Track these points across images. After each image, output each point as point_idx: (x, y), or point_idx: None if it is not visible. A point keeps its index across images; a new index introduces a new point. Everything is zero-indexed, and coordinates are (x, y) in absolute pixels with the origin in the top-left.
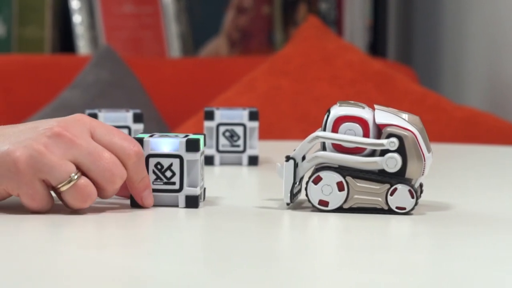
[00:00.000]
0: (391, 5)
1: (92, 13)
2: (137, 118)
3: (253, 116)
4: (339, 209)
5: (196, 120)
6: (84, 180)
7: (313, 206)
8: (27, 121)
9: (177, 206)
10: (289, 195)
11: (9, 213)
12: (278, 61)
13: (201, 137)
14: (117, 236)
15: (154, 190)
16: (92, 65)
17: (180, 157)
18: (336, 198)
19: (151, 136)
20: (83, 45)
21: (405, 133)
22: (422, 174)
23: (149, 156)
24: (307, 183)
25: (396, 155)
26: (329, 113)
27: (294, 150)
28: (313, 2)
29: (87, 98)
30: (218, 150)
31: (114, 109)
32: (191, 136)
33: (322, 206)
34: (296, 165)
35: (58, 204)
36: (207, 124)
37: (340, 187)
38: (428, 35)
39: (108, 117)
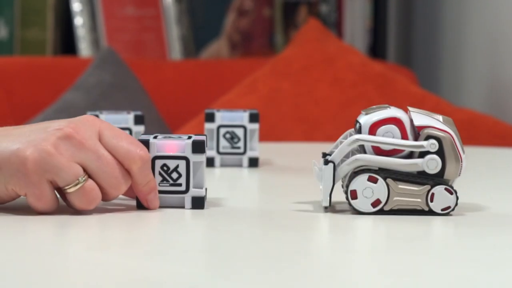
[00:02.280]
0: (391, 7)
1: (94, 16)
2: (138, 120)
3: (253, 118)
4: (380, 211)
5: (197, 122)
6: (90, 183)
7: (371, 213)
8: (29, 123)
9: (183, 207)
10: (328, 198)
11: (15, 213)
12: (279, 63)
13: (204, 138)
14: (122, 237)
15: (161, 192)
16: (94, 67)
17: (186, 158)
18: (380, 191)
19: (155, 137)
20: (84, 47)
21: (443, 135)
22: (459, 175)
23: (155, 158)
24: (349, 203)
25: (436, 156)
26: (359, 123)
27: (331, 152)
28: (313, 5)
29: (89, 100)
30: (218, 152)
31: (116, 111)
32: (195, 137)
33: (377, 206)
34: (335, 168)
35: (63, 205)
36: (207, 126)
37: (373, 180)
38: (428, 37)
39: (109, 119)
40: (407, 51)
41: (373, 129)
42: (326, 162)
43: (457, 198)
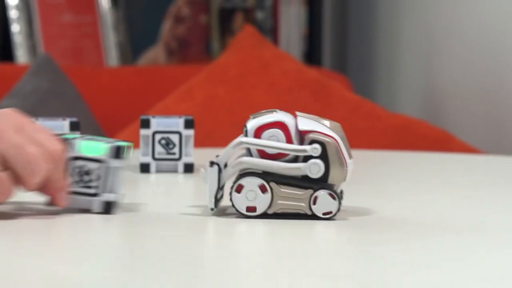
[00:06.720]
0: (326, 14)
1: (31, 22)
2: (73, 126)
3: (188, 124)
4: (264, 215)
5: (133, 128)
6: (2, 174)
7: (242, 214)
8: None
9: (94, 210)
10: (213, 200)
11: None
12: (215, 70)
13: (128, 144)
14: (33, 242)
15: (74, 192)
16: (31, 74)
17: (103, 162)
18: (262, 201)
19: (81, 137)
20: (21, 54)
21: (328, 140)
22: (344, 180)
23: (74, 158)
24: (230, 193)
25: (319, 161)
26: (246, 127)
27: (217, 156)
28: (249, 11)
29: (25, 106)
30: (154, 158)
31: (51, 117)
32: (119, 142)
33: (251, 212)
34: (220, 171)
35: None
36: (143, 132)
37: (263, 189)
38: (363, 44)
39: (45, 126)
40: (342, 58)
41: (258, 132)
42: (211, 164)
43: (340, 203)
